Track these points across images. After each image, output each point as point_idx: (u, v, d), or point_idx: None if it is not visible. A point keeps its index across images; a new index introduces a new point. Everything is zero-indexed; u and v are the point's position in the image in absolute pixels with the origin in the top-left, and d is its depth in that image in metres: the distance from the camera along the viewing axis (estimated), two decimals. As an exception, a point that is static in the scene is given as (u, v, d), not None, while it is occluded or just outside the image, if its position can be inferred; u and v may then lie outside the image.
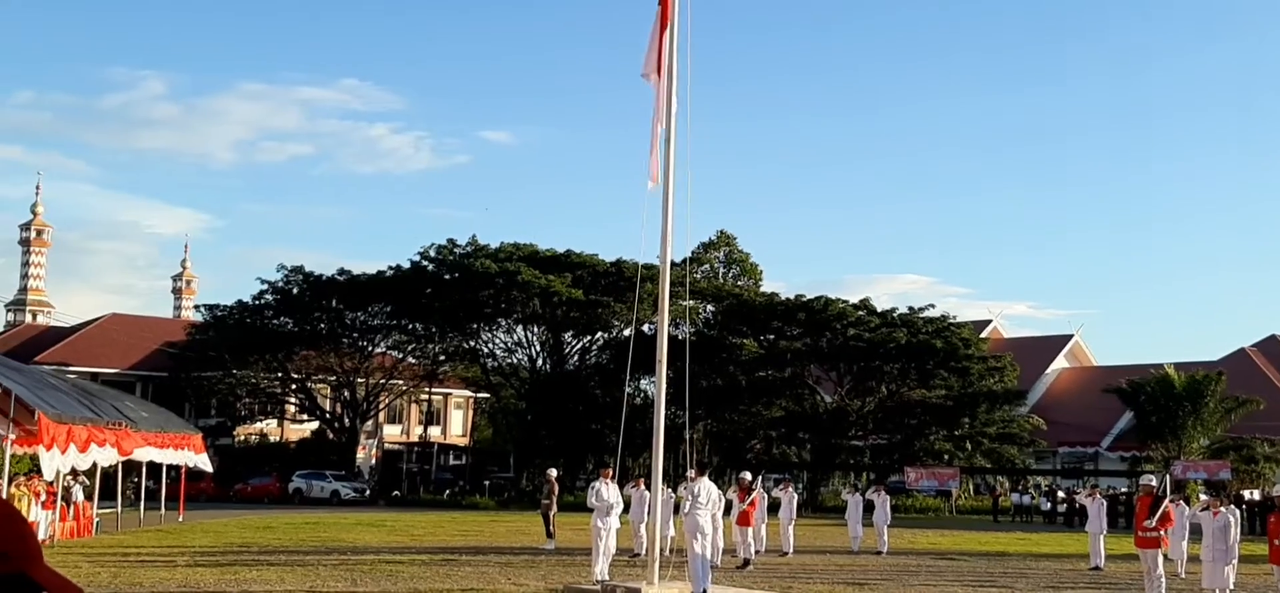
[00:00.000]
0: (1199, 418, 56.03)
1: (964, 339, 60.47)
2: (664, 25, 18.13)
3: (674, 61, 18.56)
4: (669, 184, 18.61)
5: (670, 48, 18.33)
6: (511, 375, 64.54)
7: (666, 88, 18.16)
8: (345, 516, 42.11)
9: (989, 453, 60.74)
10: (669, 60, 18.25)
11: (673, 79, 18.47)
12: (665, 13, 18.10)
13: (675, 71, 18.50)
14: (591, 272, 58.82)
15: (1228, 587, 17.70)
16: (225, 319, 63.49)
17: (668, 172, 18.52)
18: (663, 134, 18.25)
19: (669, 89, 18.34)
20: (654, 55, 18.03)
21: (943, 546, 33.22)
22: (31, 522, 8.37)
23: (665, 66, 18.12)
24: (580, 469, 58.35)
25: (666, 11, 18.11)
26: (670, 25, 18.12)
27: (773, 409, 61.81)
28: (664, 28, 18.14)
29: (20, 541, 1.97)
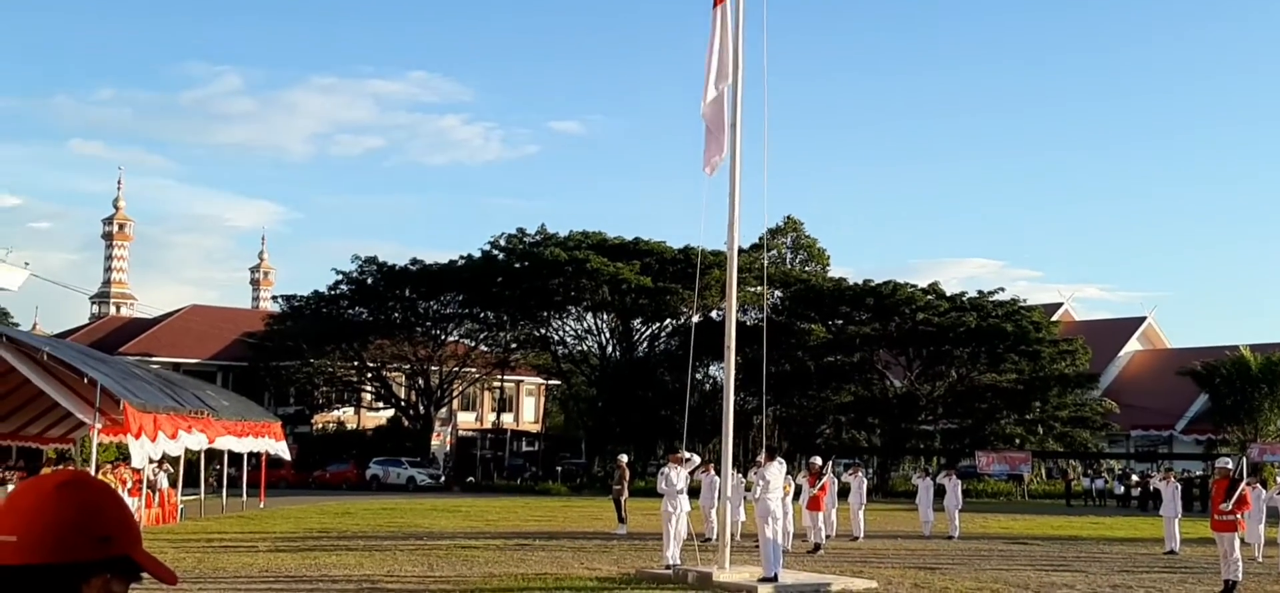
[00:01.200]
0: (1276, 400, 55.12)
1: (1034, 323, 59.93)
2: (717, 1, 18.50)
3: (740, 55, 18.83)
4: (735, 171, 18.81)
5: (733, 44, 18.62)
6: (582, 362, 64.85)
7: (721, 82, 18.44)
8: (421, 501, 42.44)
9: (1061, 437, 60.18)
10: (732, 57, 18.55)
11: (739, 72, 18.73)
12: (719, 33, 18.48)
13: (741, 65, 18.75)
14: (659, 259, 58.96)
15: (1304, 570, 17.49)
16: (302, 309, 64.46)
17: (734, 158, 18.74)
18: (722, 119, 18.54)
19: (735, 82, 18.62)
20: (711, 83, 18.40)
21: (1015, 530, 33.01)
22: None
23: (722, 65, 18.44)
24: (651, 454, 58.65)
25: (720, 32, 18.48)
26: (722, 27, 18.46)
27: (842, 394, 61.73)
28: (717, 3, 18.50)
29: (123, 525, 2.05)
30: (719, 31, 18.55)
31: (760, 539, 18.28)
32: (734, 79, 18.65)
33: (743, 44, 18.71)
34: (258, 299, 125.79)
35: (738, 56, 18.66)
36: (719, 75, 18.52)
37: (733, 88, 18.66)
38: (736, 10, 18.69)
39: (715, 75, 18.54)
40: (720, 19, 18.63)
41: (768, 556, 17.99)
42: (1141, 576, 21.04)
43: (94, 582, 1.98)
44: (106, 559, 1.99)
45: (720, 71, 18.48)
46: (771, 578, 17.58)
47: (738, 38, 18.66)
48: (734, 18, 18.64)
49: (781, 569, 18.11)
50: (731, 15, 18.65)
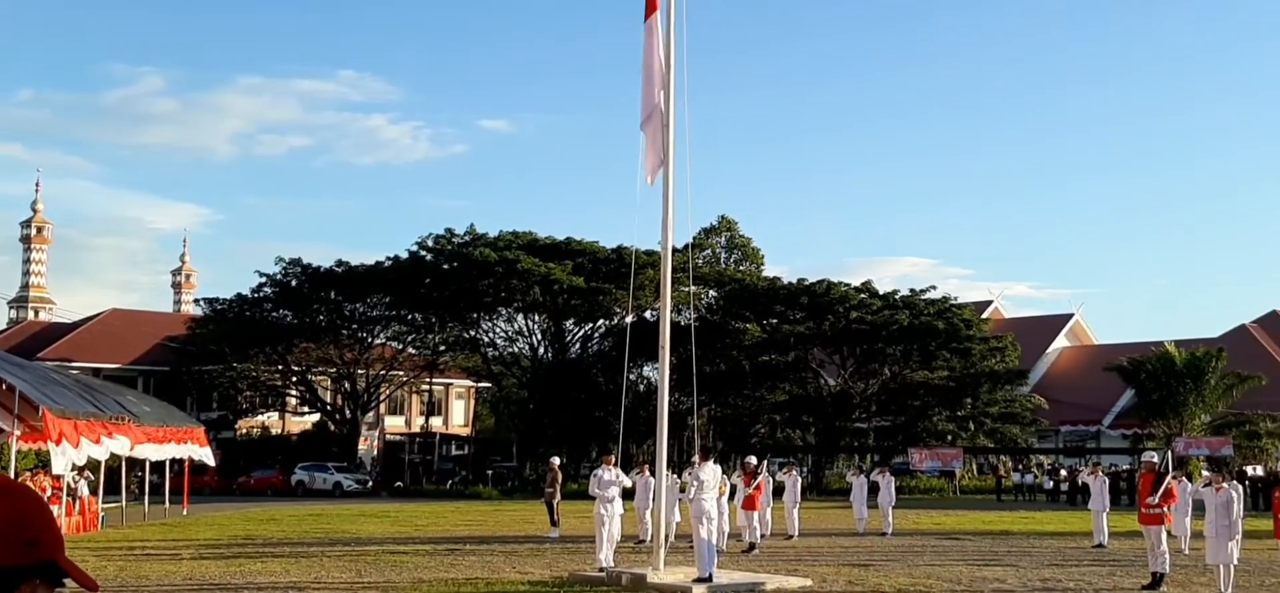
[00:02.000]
0: (1200, 395, 56.07)
1: (965, 320, 60.60)
2: (648, 13, 18.43)
3: (670, 50, 18.70)
4: (669, 171, 18.70)
5: (664, 40, 18.49)
6: (513, 364, 64.43)
7: (658, 91, 18.34)
8: (348, 507, 42.06)
9: (991, 433, 60.93)
10: (663, 54, 18.42)
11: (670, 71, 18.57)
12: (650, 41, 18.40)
13: (671, 61, 18.62)
14: (592, 259, 58.68)
15: (1232, 562, 17.64)
16: (225, 313, 63.47)
17: (667, 158, 18.61)
18: (660, 126, 18.39)
19: (668, 82, 18.47)
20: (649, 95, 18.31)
21: (947, 525, 33.25)
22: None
23: (658, 75, 18.33)
24: (584, 457, 58.33)
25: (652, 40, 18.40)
26: (655, 37, 18.38)
27: (776, 393, 61.91)
28: (648, 15, 18.43)
29: (49, 530, 2.04)
30: (652, 44, 18.47)
31: (695, 540, 18.21)
32: (667, 79, 18.51)
33: (674, 45, 18.61)
34: (180, 303, 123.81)
35: (669, 58, 18.55)
36: (656, 85, 18.40)
37: (666, 88, 18.52)
38: (667, 19, 18.56)
39: (653, 86, 18.43)
40: (652, 30, 18.52)
41: (702, 556, 17.95)
42: (1071, 569, 21.32)
43: (22, 588, 1.98)
44: (34, 564, 1.98)
45: (657, 82, 18.37)
46: (706, 579, 17.51)
47: (670, 41, 18.56)
48: (665, 26, 18.53)
49: (716, 569, 18.08)
50: (662, 25, 18.54)
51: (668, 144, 18.62)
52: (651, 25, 18.58)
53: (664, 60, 18.45)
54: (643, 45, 18.63)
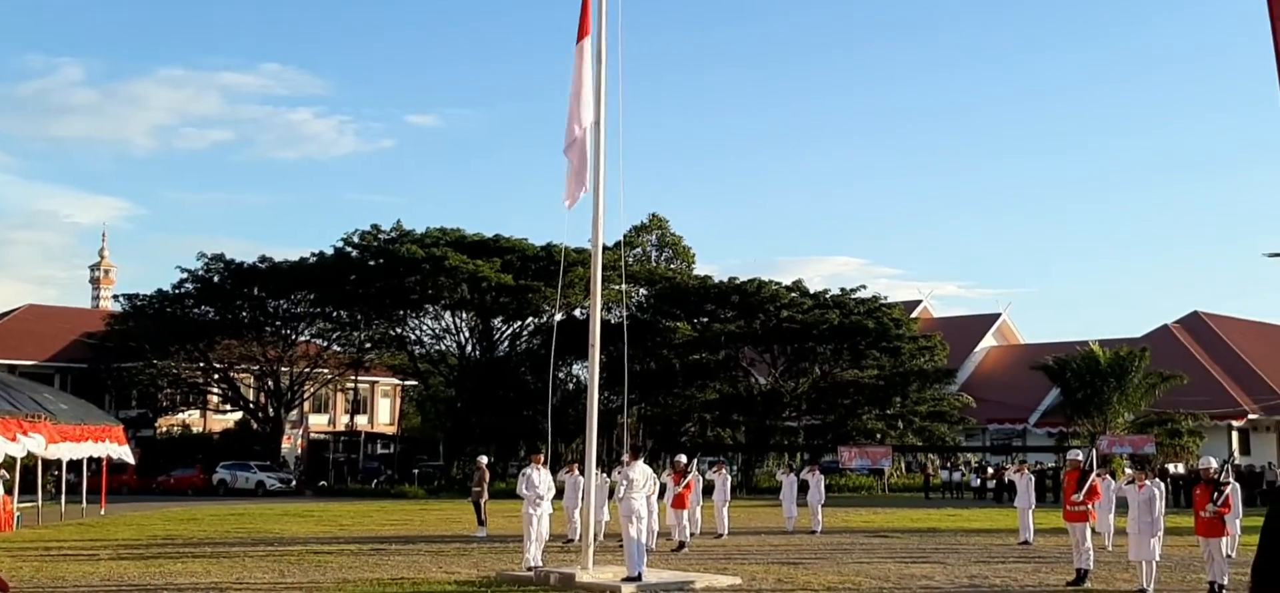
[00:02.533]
0: (1124, 394, 57.01)
1: (895, 319, 61.14)
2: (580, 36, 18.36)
3: (601, 45, 18.50)
4: (600, 169, 18.56)
5: (595, 44, 18.37)
6: (440, 362, 63.93)
7: (585, 116, 18.24)
8: (271, 506, 41.53)
9: (920, 431, 61.50)
10: (593, 70, 18.33)
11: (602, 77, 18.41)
12: (585, 22, 18.29)
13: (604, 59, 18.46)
14: (521, 256, 58.32)
15: (1153, 558, 17.84)
16: (145, 309, 62.41)
17: (598, 156, 18.46)
18: (582, 153, 18.25)
19: (596, 113, 18.34)
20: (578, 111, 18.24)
21: (876, 523, 33.37)
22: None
23: (588, 101, 18.24)
24: (512, 456, 57.97)
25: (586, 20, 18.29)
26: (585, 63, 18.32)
27: (707, 392, 61.96)
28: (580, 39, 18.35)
29: None
30: (583, 67, 18.32)
31: (624, 539, 18.08)
32: (599, 87, 18.40)
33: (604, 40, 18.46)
34: (98, 298, 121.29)
35: (602, 52, 18.43)
36: (584, 112, 18.27)
37: (598, 101, 18.42)
38: (598, 42, 18.41)
39: (582, 111, 18.29)
40: (583, 55, 18.36)
41: (631, 555, 17.86)
42: (997, 566, 21.48)
43: None
44: None
45: (584, 106, 18.25)
46: (635, 578, 17.42)
47: (601, 35, 18.42)
48: (596, 46, 18.40)
49: (645, 568, 17.95)
50: (593, 47, 18.42)
51: (599, 137, 18.45)
52: (583, 48, 18.42)
53: (596, 80, 18.33)
54: (574, 65, 18.45)
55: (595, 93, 18.48)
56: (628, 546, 17.92)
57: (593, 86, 18.46)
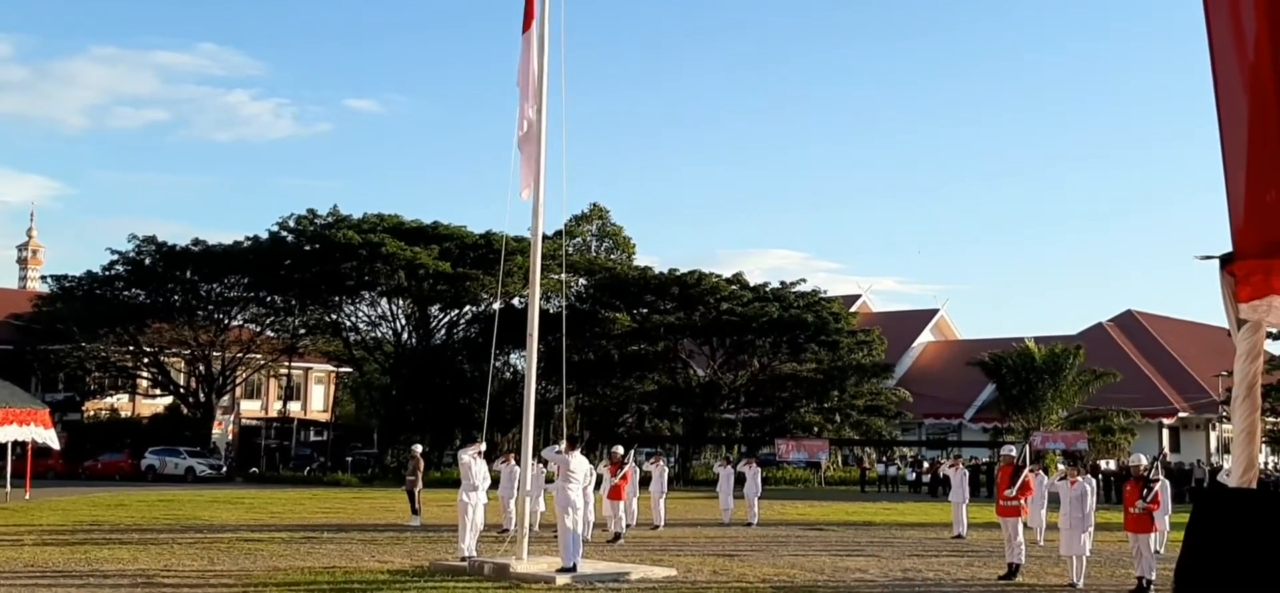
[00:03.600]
0: (1058, 390, 57.68)
1: (834, 313, 61.40)
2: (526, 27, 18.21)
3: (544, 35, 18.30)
4: (541, 158, 18.37)
5: (539, 32, 18.19)
6: (376, 349, 63.36)
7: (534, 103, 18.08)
8: (201, 493, 40.94)
9: (857, 425, 61.84)
10: (537, 65, 18.15)
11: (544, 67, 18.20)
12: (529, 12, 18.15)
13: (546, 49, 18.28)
14: (459, 244, 57.98)
15: (1084, 553, 18.05)
16: (73, 291, 61.27)
17: (540, 144, 18.28)
18: (536, 142, 18.06)
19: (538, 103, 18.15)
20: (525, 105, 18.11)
21: (811, 516, 33.50)
22: None
23: (535, 76, 18.07)
24: (448, 445, 57.56)
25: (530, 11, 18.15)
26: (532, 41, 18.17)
27: (645, 383, 61.88)
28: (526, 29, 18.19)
29: None
30: (530, 57, 18.14)
31: (559, 529, 17.92)
32: (541, 84, 18.21)
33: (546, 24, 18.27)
34: (26, 279, 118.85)
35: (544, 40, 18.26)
36: (533, 101, 18.11)
37: (539, 96, 18.23)
38: (541, 28, 18.21)
39: (529, 101, 18.13)
40: (530, 45, 18.17)
41: (566, 546, 17.77)
42: (930, 559, 21.70)
43: None
44: None
45: (534, 97, 18.10)
46: (570, 569, 17.39)
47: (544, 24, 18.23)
48: (539, 35, 18.22)
49: (580, 559, 17.90)
50: (538, 37, 18.23)
51: (541, 126, 18.28)
52: (529, 38, 18.27)
53: (538, 71, 18.16)
54: (520, 56, 18.28)
55: (538, 82, 18.30)
56: (563, 536, 17.79)
57: (537, 77, 18.29)
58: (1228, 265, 2.32)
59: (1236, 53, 2.26)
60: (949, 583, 18.31)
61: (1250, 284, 2.29)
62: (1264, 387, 2.50)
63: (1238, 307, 2.32)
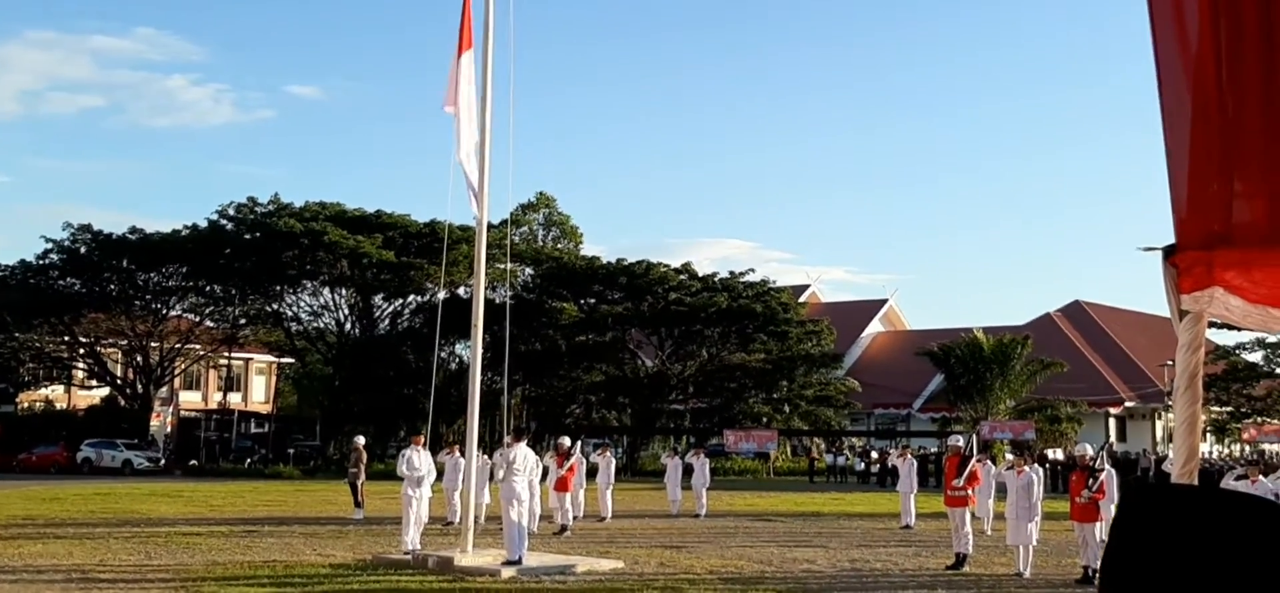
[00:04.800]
0: (1006, 380, 58.13)
1: (783, 303, 61.49)
2: (461, 49, 17.98)
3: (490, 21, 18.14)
4: (485, 146, 18.23)
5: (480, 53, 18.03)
6: (318, 340, 62.71)
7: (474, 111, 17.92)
8: (138, 486, 40.39)
9: (806, 415, 62.01)
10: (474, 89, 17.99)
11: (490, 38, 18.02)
12: (465, 34, 17.95)
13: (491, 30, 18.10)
14: (403, 233, 57.46)
15: (1031, 542, 18.18)
16: (6, 280, 60.06)
17: (484, 133, 18.13)
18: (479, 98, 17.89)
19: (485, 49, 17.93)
20: (453, 86, 17.88)
21: (760, 507, 33.54)
22: None
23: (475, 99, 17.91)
24: (392, 437, 57.12)
25: (466, 33, 17.96)
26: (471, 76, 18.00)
27: (593, 374, 61.70)
28: (461, 51, 17.96)
29: None
30: (468, 81, 17.91)
31: (505, 522, 17.75)
32: (485, 45, 18.02)
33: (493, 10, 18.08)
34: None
35: (489, 23, 18.07)
36: (474, 123, 17.94)
37: (482, 55, 18.04)
38: (483, 52, 18.01)
39: (471, 122, 17.94)
40: (467, 68, 17.94)
41: (511, 539, 17.63)
42: (878, 549, 21.78)
43: None
44: None
45: (477, 115, 17.93)
46: (515, 561, 17.25)
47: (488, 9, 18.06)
48: (480, 60, 18.01)
49: (526, 552, 17.77)
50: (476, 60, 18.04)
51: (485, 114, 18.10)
52: (463, 62, 18.02)
53: (483, 86, 17.98)
54: (460, 78, 17.98)
55: (483, 102, 18.12)
56: (508, 529, 17.63)
57: (478, 98, 18.10)
58: (1170, 257, 2.30)
59: (1178, 44, 2.23)
60: (897, 573, 18.35)
61: (1192, 276, 2.27)
62: (1206, 378, 2.47)
63: (1180, 298, 2.28)
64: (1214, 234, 2.16)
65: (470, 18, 18.15)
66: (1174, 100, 2.19)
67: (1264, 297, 2.18)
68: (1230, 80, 2.08)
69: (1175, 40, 2.17)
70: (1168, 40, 2.18)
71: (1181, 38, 2.15)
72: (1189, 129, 2.17)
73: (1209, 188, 2.16)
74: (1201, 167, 2.16)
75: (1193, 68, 2.14)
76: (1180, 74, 2.17)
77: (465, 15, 18.13)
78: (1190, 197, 2.20)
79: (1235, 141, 2.10)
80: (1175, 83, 2.18)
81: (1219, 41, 2.06)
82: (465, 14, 18.14)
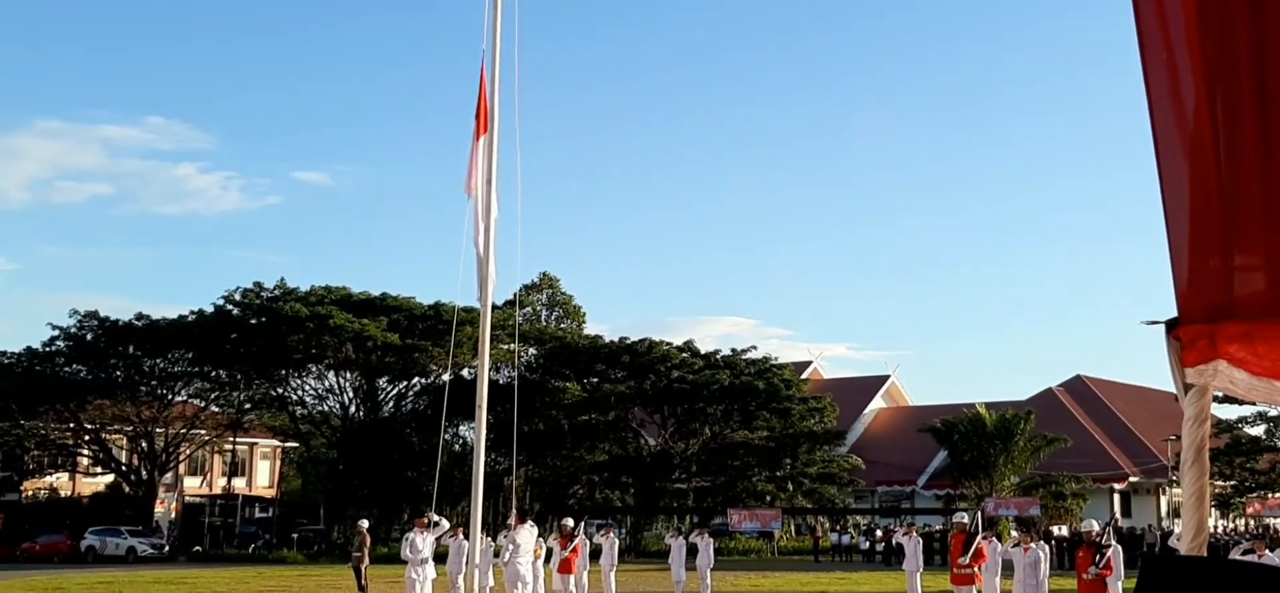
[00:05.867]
0: (1009, 456, 57.74)
1: (785, 380, 61.30)
2: (479, 135, 18.04)
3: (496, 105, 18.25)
4: (490, 228, 18.23)
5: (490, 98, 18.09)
6: (322, 423, 62.47)
7: (485, 203, 17.97)
8: (142, 573, 40.14)
9: (809, 493, 61.54)
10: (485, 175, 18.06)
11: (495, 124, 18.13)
12: (482, 119, 18.02)
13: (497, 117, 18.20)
14: (408, 315, 57.51)
15: (1040, 621, 17.94)
16: (12, 367, 59.82)
17: (489, 216, 18.17)
18: (484, 180, 17.92)
19: (488, 199, 18.07)
20: (472, 172, 17.92)
21: (764, 587, 33.24)
22: None
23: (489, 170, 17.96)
24: (396, 520, 56.68)
25: (484, 118, 18.02)
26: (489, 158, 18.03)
27: (596, 453, 61.39)
28: (479, 136, 18.03)
29: None
30: (485, 163, 17.99)
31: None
32: (490, 130, 18.09)
33: (499, 100, 18.19)
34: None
35: (495, 107, 18.18)
36: (491, 209, 18.01)
37: (489, 142, 18.10)
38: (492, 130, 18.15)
39: (488, 209, 18.00)
40: (484, 150, 18.03)
41: (515, 622, 17.20)
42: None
43: None
44: None
45: (491, 206, 17.98)
46: None
47: (494, 94, 18.15)
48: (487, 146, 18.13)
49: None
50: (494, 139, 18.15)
51: (490, 196, 18.18)
52: (481, 144, 18.11)
53: (489, 170, 18.04)
54: (480, 161, 18.03)
55: (490, 184, 18.21)
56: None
57: (494, 187, 18.17)
58: (1173, 330, 2.31)
59: (1176, 120, 2.26)
60: (903, 654, 18.13)
61: (1196, 349, 2.30)
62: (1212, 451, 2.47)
63: (1184, 371, 2.30)
64: (1216, 307, 2.18)
65: (486, 102, 18.29)
66: (1173, 176, 2.21)
67: (1268, 370, 2.20)
68: (1228, 156, 2.10)
69: (1173, 117, 2.19)
70: (1165, 117, 2.21)
71: (1179, 115, 2.18)
72: (1188, 204, 2.19)
73: (1210, 262, 2.18)
74: (1202, 241, 2.18)
75: (1190, 144, 2.16)
76: (1178, 150, 2.19)
77: (482, 100, 18.27)
78: (1191, 270, 2.21)
79: (1234, 216, 2.12)
80: (1174, 159, 2.20)
81: (1216, 118, 2.09)
82: (482, 99, 18.27)
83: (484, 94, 18.10)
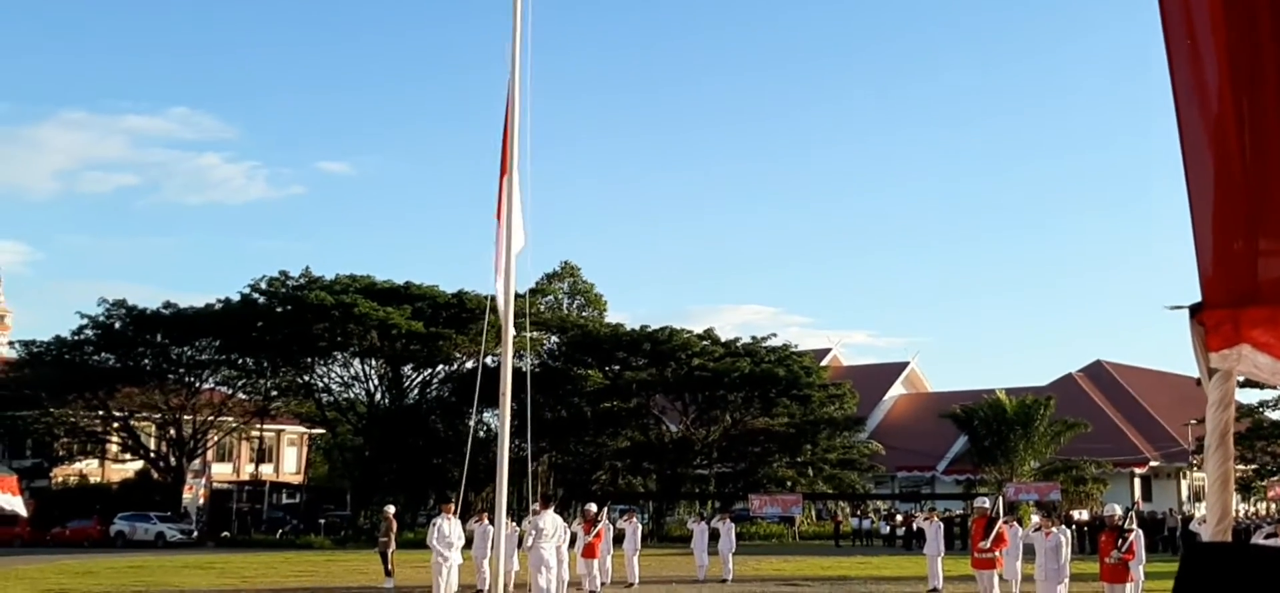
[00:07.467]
0: (1030, 441, 57.79)
1: (805, 367, 61.41)
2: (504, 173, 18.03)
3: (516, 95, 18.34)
4: (512, 215, 18.32)
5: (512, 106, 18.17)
6: (348, 410, 62.92)
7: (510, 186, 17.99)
8: (171, 558, 40.50)
9: (830, 479, 61.73)
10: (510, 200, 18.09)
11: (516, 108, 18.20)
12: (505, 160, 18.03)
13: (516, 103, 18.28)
14: (432, 303, 57.81)
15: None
16: (42, 356, 60.39)
17: (511, 202, 18.25)
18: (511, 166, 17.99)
19: (512, 122, 18.10)
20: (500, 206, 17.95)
21: (786, 571, 33.37)
22: None
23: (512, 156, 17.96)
24: (421, 505, 57.06)
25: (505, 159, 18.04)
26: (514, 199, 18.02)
27: (618, 440, 61.67)
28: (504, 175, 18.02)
29: None
30: (509, 206, 18.00)
31: (533, 589, 17.70)
32: (511, 112, 18.15)
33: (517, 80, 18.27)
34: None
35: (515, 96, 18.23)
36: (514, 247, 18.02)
37: (513, 126, 18.15)
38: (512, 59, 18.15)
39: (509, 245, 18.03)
40: (508, 192, 18.04)
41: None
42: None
43: None
44: None
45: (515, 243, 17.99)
46: None
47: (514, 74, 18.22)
48: (510, 69, 18.13)
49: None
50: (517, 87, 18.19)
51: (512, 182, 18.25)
52: (508, 187, 18.09)
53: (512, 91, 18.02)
54: (502, 197, 18.04)
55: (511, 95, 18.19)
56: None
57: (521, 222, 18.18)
58: (1197, 315, 2.35)
59: (1200, 105, 2.30)
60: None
61: (1220, 333, 2.33)
62: (1235, 435, 2.52)
63: (1208, 356, 2.34)
64: (1240, 292, 2.23)
65: (510, 145, 18.29)
66: (1197, 161, 2.26)
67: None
68: (1252, 143, 2.16)
69: (1197, 103, 2.24)
70: (1190, 103, 2.26)
71: (1203, 100, 2.23)
72: (1212, 189, 2.24)
73: (1234, 246, 2.23)
74: (1226, 226, 2.23)
75: (1215, 129, 2.21)
76: (1203, 135, 2.24)
77: (506, 142, 18.27)
78: (1215, 255, 2.27)
79: (1259, 201, 2.17)
80: (1198, 144, 2.26)
81: (1241, 103, 2.14)
82: (506, 141, 18.28)
83: (507, 137, 18.10)
